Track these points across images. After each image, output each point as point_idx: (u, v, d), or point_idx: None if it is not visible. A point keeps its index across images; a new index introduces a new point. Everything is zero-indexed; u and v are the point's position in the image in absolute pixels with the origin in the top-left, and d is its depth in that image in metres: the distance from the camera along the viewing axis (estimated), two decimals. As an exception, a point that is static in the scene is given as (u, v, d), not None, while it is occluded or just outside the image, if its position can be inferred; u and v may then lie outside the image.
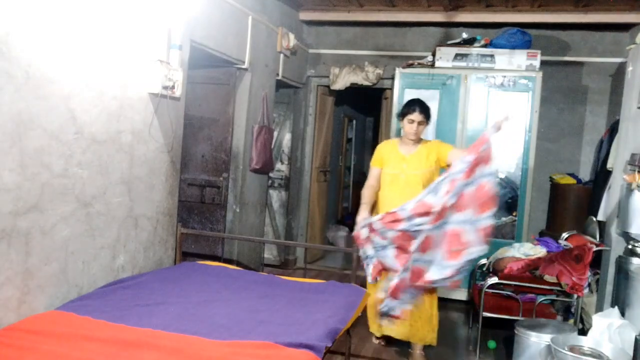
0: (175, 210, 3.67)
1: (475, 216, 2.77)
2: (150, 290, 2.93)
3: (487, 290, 3.69)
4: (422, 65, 5.05)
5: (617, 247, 3.77)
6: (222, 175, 4.64)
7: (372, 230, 3.26)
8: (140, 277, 3.12)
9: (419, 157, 3.54)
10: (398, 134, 5.00)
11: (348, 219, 7.79)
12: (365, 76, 5.67)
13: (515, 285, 3.70)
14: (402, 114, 3.56)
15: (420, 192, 3.16)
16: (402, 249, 3.12)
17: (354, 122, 9.01)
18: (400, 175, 3.53)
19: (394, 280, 2.94)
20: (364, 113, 9.35)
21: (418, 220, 3.00)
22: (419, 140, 3.58)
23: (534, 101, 4.73)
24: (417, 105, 3.50)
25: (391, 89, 5.38)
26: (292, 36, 5.23)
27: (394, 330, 3.55)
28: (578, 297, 3.51)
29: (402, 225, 3.09)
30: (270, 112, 5.07)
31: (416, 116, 3.48)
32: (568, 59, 5.36)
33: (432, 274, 2.84)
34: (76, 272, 2.77)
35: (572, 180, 5.13)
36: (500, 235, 4.83)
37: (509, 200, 4.85)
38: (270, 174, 5.68)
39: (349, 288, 3.17)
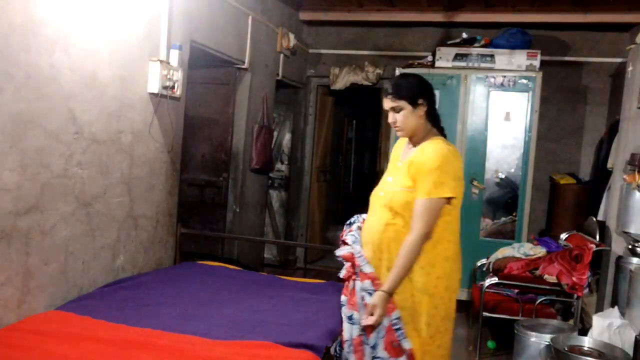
0: (175, 210, 3.67)
1: None
2: (150, 290, 2.93)
3: (487, 290, 3.69)
4: (422, 65, 5.04)
5: (617, 247, 3.76)
6: (222, 175, 4.64)
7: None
8: (140, 277, 3.13)
9: (407, 165, 2.19)
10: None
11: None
12: (365, 76, 5.67)
13: (515, 285, 3.69)
14: None
15: (377, 225, 2.17)
16: None
17: (354, 122, 9.01)
18: (380, 193, 2.25)
19: None
20: (364, 113, 9.35)
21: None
22: (424, 137, 2.23)
23: (534, 101, 4.72)
24: (388, 87, 2.23)
25: (391, 89, 5.37)
26: (292, 36, 5.23)
27: None
28: (578, 297, 3.51)
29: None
30: (270, 112, 5.07)
31: (386, 102, 2.23)
32: (568, 59, 5.35)
33: None
34: (76, 272, 2.76)
35: (572, 180, 5.13)
36: (500, 235, 4.83)
37: (509, 200, 4.85)
38: (270, 174, 5.67)
39: (349, 288, 3.17)
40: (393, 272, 2.08)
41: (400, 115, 2.20)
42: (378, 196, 2.23)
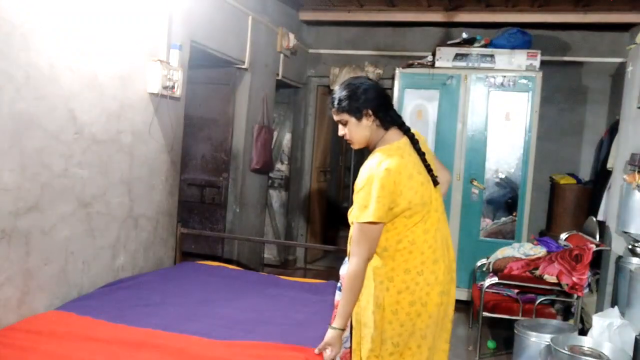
0: (175, 210, 3.67)
1: None
2: (150, 290, 2.93)
3: (487, 290, 3.69)
4: (422, 65, 5.04)
5: (617, 247, 3.77)
6: (222, 175, 4.64)
7: None
8: (140, 277, 3.13)
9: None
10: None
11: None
12: (365, 76, 5.68)
13: (515, 285, 3.70)
14: None
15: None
16: None
17: (354, 122, 9.00)
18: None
19: None
20: (364, 113, 9.34)
21: None
22: (375, 147, 2.09)
23: (534, 101, 4.72)
24: (332, 98, 2.08)
25: (391, 89, 5.37)
26: (292, 36, 5.23)
27: None
28: (578, 297, 3.51)
29: None
30: (270, 112, 5.07)
31: (333, 115, 2.10)
32: (568, 59, 5.35)
33: None
34: (76, 272, 2.76)
35: (572, 180, 5.13)
36: (501, 235, 4.84)
37: (509, 200, 4.85)
38: (270, 174, 5.67)
39: (349, 288, 3.17)
40: (340, 306, 1.98)
41: (348, 129, 2.07)
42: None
